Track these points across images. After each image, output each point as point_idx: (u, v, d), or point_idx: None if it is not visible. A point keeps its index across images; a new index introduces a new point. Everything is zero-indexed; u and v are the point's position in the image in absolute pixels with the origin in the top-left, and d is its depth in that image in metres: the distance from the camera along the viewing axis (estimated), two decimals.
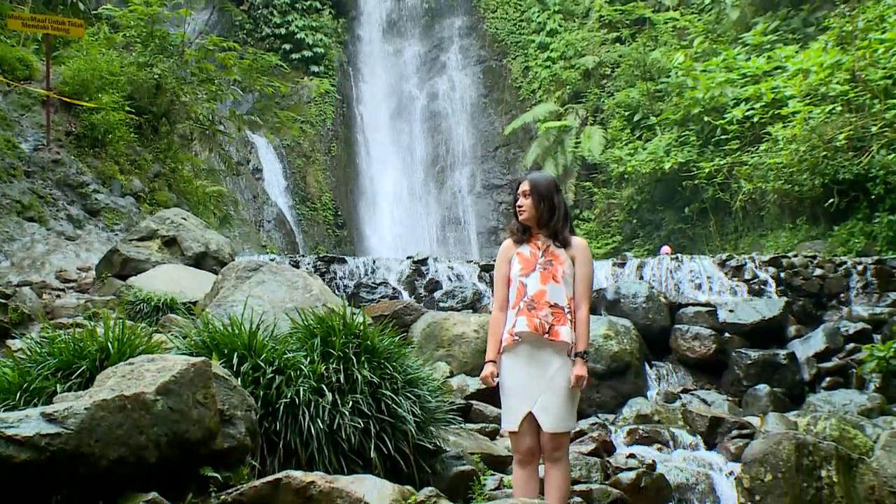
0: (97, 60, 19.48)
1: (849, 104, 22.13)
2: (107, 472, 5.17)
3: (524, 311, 5.97)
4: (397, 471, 6.63)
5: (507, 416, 6.08)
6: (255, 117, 28.54)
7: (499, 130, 35.82)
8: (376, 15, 38.82)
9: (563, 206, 6.22)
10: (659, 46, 32.49)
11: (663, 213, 29.58)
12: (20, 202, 15.81)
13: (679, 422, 10.51)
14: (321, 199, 33.31)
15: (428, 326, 11.96)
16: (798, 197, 23.68)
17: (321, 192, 33.43)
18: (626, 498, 7.89)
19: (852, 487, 6.92)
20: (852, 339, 13.03)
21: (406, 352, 7.58)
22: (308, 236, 31.95)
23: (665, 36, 33.02)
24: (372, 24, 38.68)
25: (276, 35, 34.96)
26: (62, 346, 6.46)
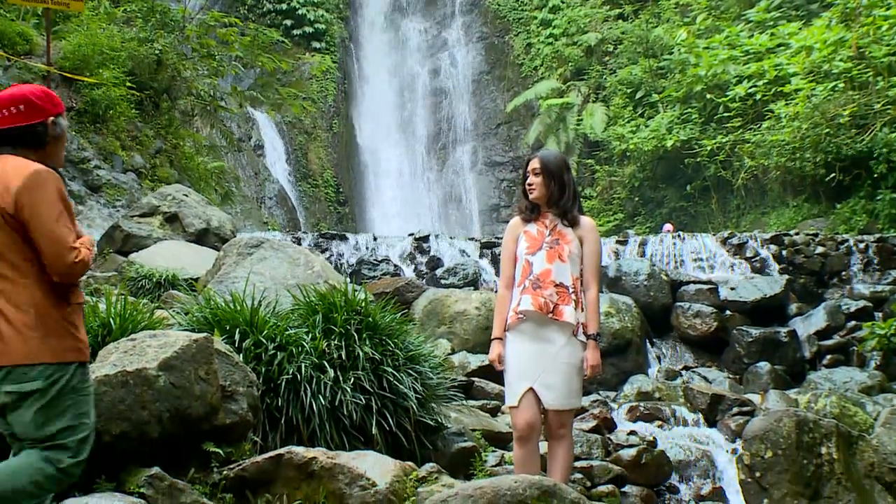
0: (98, 35, 19.42)
1: (852, 81, 22.10)
2: (109, 446, 5.19)
3: (529, 289, 5.97)
4: (399, 447, 6.66)
5: (509, 392, 6.10)
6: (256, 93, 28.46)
7: (501, 107, 35.74)
8: None
9: (572, 184, 6.21)
10: (662, 23, 32.40)
11: (665, 190, 29.56)
12: None
13: (680, 399, 10.53)
14: (323, 175, 33.29)
15: (429, 303, 11.97)
16: (800, 174, 23.65)
17: (323, 169, 33.41)
18: (627, 475, 7.92)
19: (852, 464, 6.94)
20: (853, 316, 13.05)
21: (407, 328, 7.60)
22: (310, 213, 31.94)
23: (668, 13, 32.93)
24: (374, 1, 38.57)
25: (277, 11, 34.84)
26: None
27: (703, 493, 7.94)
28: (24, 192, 4.15)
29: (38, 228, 4.17)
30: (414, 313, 11.57)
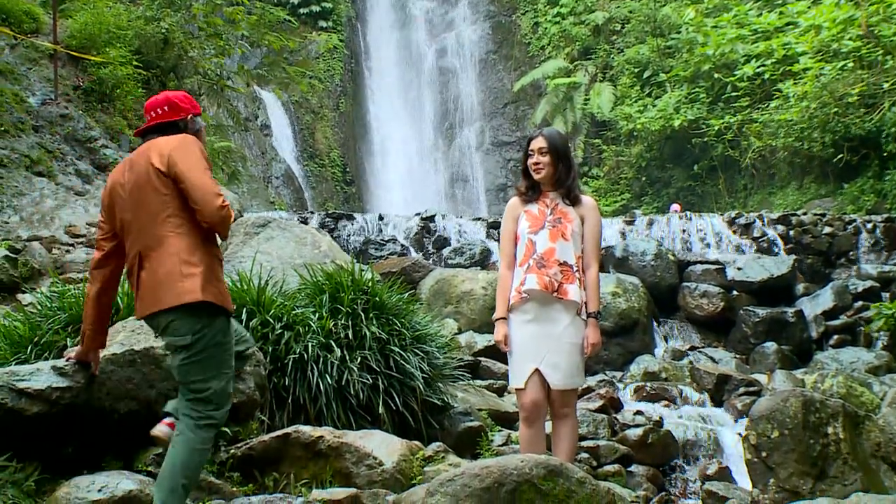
0: (104, 14, 19.43)
1: (861, 60, 22.00)
2: (117, 425, 5.23)
3: (534, 268, 5.95)
4: (405, 426, 6.68)
5: (515, 373, 6.08)
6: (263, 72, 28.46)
7: (508, 87, 35.71)
8: None
9: (574, 163, 6.23)
10: (670, 2, 32.28)
11: (672, 170, 29.54)
12: (29, 157, 15.82)
13: (686, 379, 10.55)
14: (329, 155, 33.31)
15: (436, 283, 11.99)
16: (808, 154, 23.67)
17: (329, 149, 33.42)
18: (633, 454, 7.94)
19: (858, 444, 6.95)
20: (860, 297, 13.05)
21: (414, 308, 7.62)
22: (316, 193, 31.95)
23: None
24: None
25: None
26: (72, 301, 6.51)
27: (710, 473, 7.95)
28: (175, 151, 4.76)
29: (188, 179, 4.69)
30: (421, 293, 11.59)
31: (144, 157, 4.86)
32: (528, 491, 4.50)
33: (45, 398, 5.08)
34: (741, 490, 6.94)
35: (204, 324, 4.66)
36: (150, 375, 5.34)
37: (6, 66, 17.64)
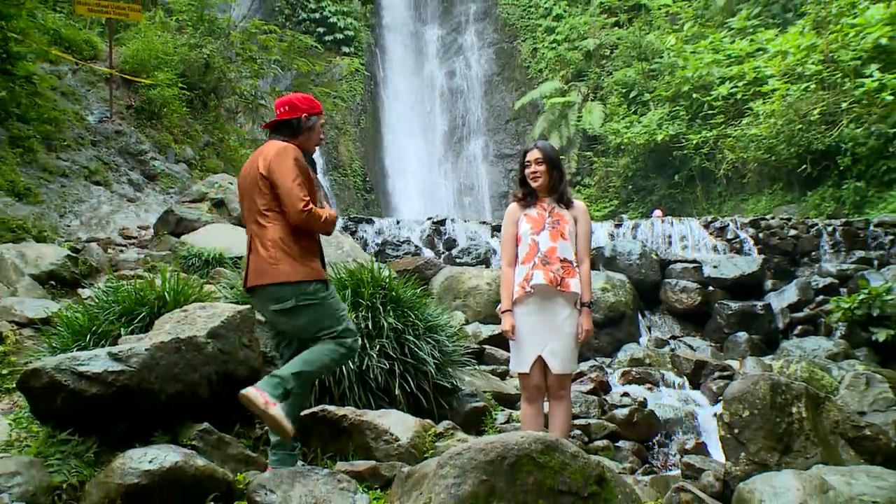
0: (153, 42, 19.49)
1: (822, 83, 22.12)
2: (165, 405, 5.24)
3: (539, 265, 5.97)
4: (419, 406, 6.69)
5: (519, 359, 6.10)
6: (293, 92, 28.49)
7: (509, 105, 35.68)
8: (400, 1, 38.62)
9: (564, 171, 6.27)
10: (653, 30, 32.29)
11: (655, 179, 29.51)
12: (88, 168, 15.86)
13: (668, 365, 10.54)
14: (351, 166, 33.30)
15: (446, 280, 11.99)
16: (775, 165, 23.68)
17: (351, 160, 33.41)
18: (620, 431, 7.95)
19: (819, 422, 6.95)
20: (821, 292, 13.03)
21: (427, 302, 7.62)
22: (340, 199, 31.94)
23: (659, 21, 32.79)
24: (396, 9, 38.48)
25: (311, 19, 34.83)
26: (125, 295, 6.53)
27: (688, 448, 7.95)
28: (273, 159, 5.23)
29: (279, 184, 5.18)
30: (432, 288, 11.59)
31: (257, 158, 5.39)
32: (527, 464, 4.50)
33: (102, 380, 5.10)
34: (716, 463, 6.93)
35: (300, 290, 5.16)
36: (194, 361, 5.35)
37: (69, 89, 17.70)
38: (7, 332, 7.52)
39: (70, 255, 10.45)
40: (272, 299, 5.21)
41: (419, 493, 4.53)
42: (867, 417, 7.97)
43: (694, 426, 8.43)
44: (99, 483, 4.83)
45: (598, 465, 4.72)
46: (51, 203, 14.23)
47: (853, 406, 8.09)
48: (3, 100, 14.55)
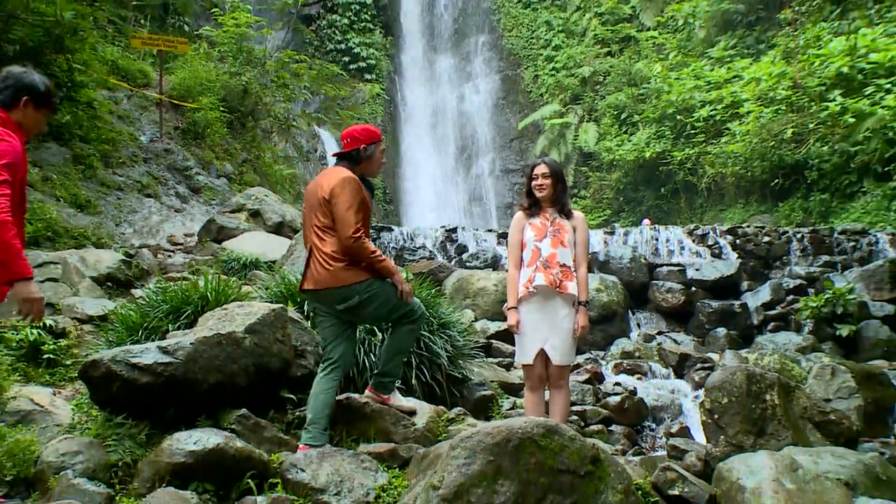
0: (198, 70, 19.59)
1: (791, 106, 22.22)
2: (207, 393, 5.26)
3: (541, 268, 6.00)
4: (433, 395, 6.68)
5: (522, 352, 6.11)
6: (321, 115, 28.59)
7: (513, 126, 35.64)
8: (416, 34, 38.66)
9: (566, 185, 6.28)
10: (641, 59, 32.27)
11: (644, 192, 29.46)
12: (140, 182, 15.94)
13: (655, 357, 10.50)
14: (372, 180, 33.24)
15: (457, 282, 11.97)
16: (751, 179, 23.68)
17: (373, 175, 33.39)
18: (613, 416, 7.93)
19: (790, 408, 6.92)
20: (792, 292, 12.98)
21: (440, 301, 7.61)
22: None
23: (646, 51, 32.79)
24: (413, 40, 38.52)
25: (337, 49, 34.90)
26: (173, 295, 6.55)
27: (673, 431, 7.92)
28: (335, 187, 5.40)
29: (336, 212, 5.37)
30: (445, 289, 11.57)
31: (321, 182, 5.60)
32: (529, 446, 4.50)
33: (152, 371, 5.12)
34: (698, 444, 6.90)
35: (360, 289, 5.42)
36: (233, 354, 5.36)
37: (124, 112, 17.79)
38: (70, 327, 7.55)
39: (124, 260, 10.51)
40: (337, 300, 5.47)
41: (433, 471, 4.53)
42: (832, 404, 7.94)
43: (678, 412, 8.41)
44: (150, 462, 4.85)
45: (593, 446, 4.71)
46: (108, 213, 14.30)
47: (820, 394, 8.06)
48: (67, 123, 14.66)
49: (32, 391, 6.07)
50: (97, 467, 4.86)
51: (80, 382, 5.81)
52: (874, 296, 12.51)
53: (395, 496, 4.74)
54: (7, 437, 5.04)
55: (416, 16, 38.89)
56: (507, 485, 4.40)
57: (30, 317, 4.14)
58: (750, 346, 11.74)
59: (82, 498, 4.38)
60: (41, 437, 5.37)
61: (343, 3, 35.63)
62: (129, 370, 5.13)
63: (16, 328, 7.15)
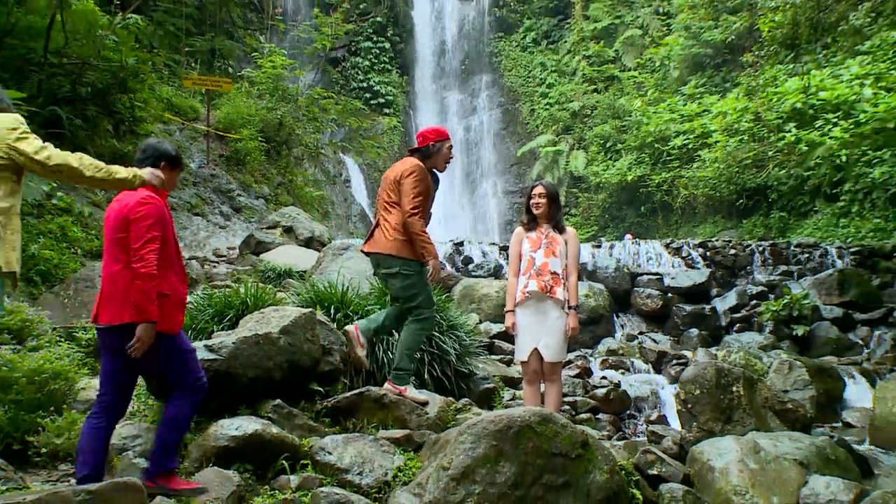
0: (240, 106, 19.69)
1: (753, 136, 22.35)
2: (247, 386, 5.27)
3: (534, 276, 6.03)
4: (443, 387, 6.68)
5: (519, 350, 6.14)
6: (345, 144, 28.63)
7: (513, 153, 35.68)
8: (428, 73, 38.76)
9: (560, 204, 6.30)
10: (624, 95, 32.30)
11: (626, 210, 29.46)
12: (190, 203, 15.99)
13: (636, 354, 10.48)
14: None
15: (464, 289, 11.97)
16: (719, 200, 23.75)
17: None
18: (600, 406, 7.91)
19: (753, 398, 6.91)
20: (755, 297, 12.95)
21: (449, 306, 7.62)
22: None
23: (628, 88, 32.82)
24: (425, 79, 38.62)
25: (360, 87, 35.01)
26: (217, 300, 6.57)
27: (652, 419, 7.91)
28: (405, 171, 5.74)
29: (403, 193, 5.69)
30: (453, 296, 11.57)
31: (396, 167, 5.90)
32: (527, 432, 4.49)
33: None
34: (674, 430, 6.88)
35: (404, 263, 5.69)
36: (269, 352, 5.36)
37: (177, 143, 17.88)
38: None
39: None
40: (382, 265, 5.77)
41: (443, 454, 4.53)
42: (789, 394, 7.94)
43: (657, 402, 8.38)
44: (198, 445, 4.86)
45: (582, 432, 4.70)
46: None
47: (779, 386, 8.07)
48: (129, 152, 14.75)
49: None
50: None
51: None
52: (825, 300, 12.52)
53: (410, 476, 4.73)
54: (79, 423, 5.06)
55: (428, 58, 39.01)
56: (507, 466, 4.39)
57: (132, 350, 4.18)
58: (719, 344, 11.70)
59: (141, 475, 4.39)
60: None
61: (365, 48, 35.76)
62: None
63: (85, 328, 7.18)
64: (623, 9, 36.32)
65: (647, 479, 5.13)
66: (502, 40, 38.69)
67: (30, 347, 5.90)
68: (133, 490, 3.70)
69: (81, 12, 13.18)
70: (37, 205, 10.77)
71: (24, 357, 5.41)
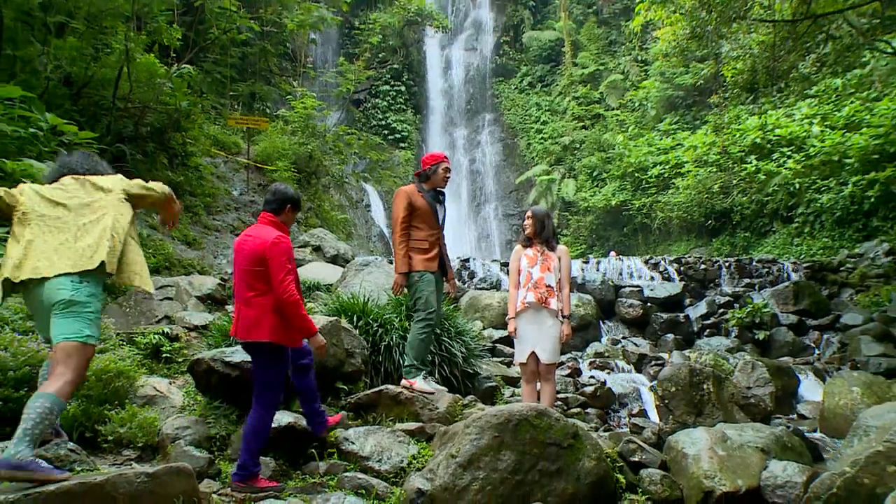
0: (276, 142, 19.78)
1: (720, 167, 22.41)
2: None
3: (531, 288, 6.06)
4: (451, 386, 6.69)
5: (519, 353, 6.15)
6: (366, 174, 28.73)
7: (512, 181, 35.67)
8: (438, 112, 38.88)
9: (551, 226, 6.33)
10: (608, 131, 32.30)
11: (611, 231, 29.40)
12: (232, 225, 16.03)
13: (620, 356, 10.46)
14: None
15: (469, 300, 11.98)
16: (691, 222, 23.72)
17: None
18: (588, 402, 7.89)
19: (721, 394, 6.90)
20: (722, 306, 12.93)
21: (456, 315, 7.63)
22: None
23: (611, 124, 32.82)
24: (436, 117, 38.72)
25: (379, 125, 35.14)
26: None
27: (634, 413, 7.88)
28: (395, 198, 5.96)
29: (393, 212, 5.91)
30: (460, 306, 11.58)
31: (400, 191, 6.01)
32: (525, 425, 4.50)
33: (241, 367, 5.15)
34: (652, 423, 6.87)
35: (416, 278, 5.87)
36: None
37: (221, 173, 18.01)
38: (181, 333, 7.61)
39: (220, 283, 10.57)
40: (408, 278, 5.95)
41: (452, 444, 4.54)
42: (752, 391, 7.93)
43: (638, 398, 8.36)
44: (239, 435, 4.87)
45: (573, 425, 4.71)
46: (209, 249, 14.41)
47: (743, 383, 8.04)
48: (181, 182, 14.90)
49: (155, 381, 6.12)
50: (201, 438, 4.90)
51: (188, 375, 5.86)
52: (782, 309, 12.53)
53: (423, 462, 4.74)
54: (138, 415, 5.10)
55: (438, 99, 39.16)
56: (508, 454, 4.40)
57: (319, 353, 4.68)
58: (691, 347, 11.67)
59: (191, 461, 4.42)
60: (161, 415, 5.42)
61: (383, 91, 35.96)
62: (224, 366, 5.18)
63: (143, 334, 7.23)
64: (607, 57, 36.50)
65: (630, 465, 5.12)
66: (502, 84, 38.84)
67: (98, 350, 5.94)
68: (185, 474, 3.73)
69: (144, 64, 13.46)
70: None
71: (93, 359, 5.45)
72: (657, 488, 4.79)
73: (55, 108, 10.62)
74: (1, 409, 4.82)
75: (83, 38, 12.39)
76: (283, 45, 27.23)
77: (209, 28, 18.29)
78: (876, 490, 4.21)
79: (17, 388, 4.97)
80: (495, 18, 40.30)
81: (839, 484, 4.34)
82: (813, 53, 13.58)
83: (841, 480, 4.35)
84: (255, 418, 4.38)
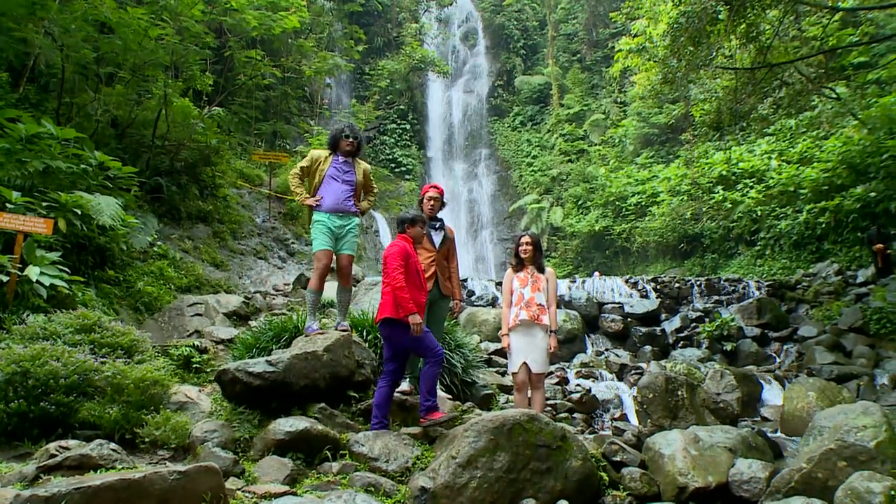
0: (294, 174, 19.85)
1: (691, 196, 22.47)
2: (298, 392, 5.28)
3: (524, 307, 6.07)
4: (452, 394, 6.67)
5: (512, 364, 6.13)
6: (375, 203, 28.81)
7: (506, 209, 35.73)
8: (439, 147, 39.06)
9: (542, 250, 6.34)
10: (591, 164, 32.43)
11: (594, 253, 29.40)
12: (255, 249, 16.06)
13: (603, 366, 10.44)
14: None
15: (468, 316, 11.98)
16: (666, 245, 23.74)
17: None
18: (575, 407, 7.88)
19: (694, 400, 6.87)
20: (694, 321, 12.93)
21: (456, 329, 7.63)
22: None
23: (594, 158, 32.93)
24: (437, 152, 38.87)
25: (386, 158, 35.26)
26: (276, 325, 6.60)
27: (616, 417, 7.85)
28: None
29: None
30: (459, 321, 11.59)
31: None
32: (518, 429, 4.48)
33: (262, 377, 5.15)
34: (633, 426, 6.83)
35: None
36: (315, 365, 5.38)
37: (246, 203, 18.06)
38: (209, 346, 7.61)
39: (244, 301, 10.57)
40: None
41: (452, 446, 4.52)
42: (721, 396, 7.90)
43: (620, 404, 8.34)
44: (260, 438, 4.86)
45: (561, 428, 4.69)
46: (234, 270, 14.42)
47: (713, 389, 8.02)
48: (210, 210, 14.98)
49: (186, 389, 6.10)
50: (227, 441, 4.87)
51: (215, 384, 5.85)
52: (747, 322, 12.55)
53: (426, 463, 4.72)
54: (171, 419, 5.09)
55: (439, 136, 39.37)
56: (503, 455, 4.38)
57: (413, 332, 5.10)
58: (667, 357, 11.65)
59: (218, 461, 4.40)
60: (192, 419, 5.40)
61: (390, 129, 36.15)
62: (247, 376, 5.17)
63: (176, 346, 7.22)
64: (590, 99, 36.83)
65: (612, 465, 5.10)
66: (497, 122, 39.09)
67: (136, 360, 5.95)
68: (213, 472, 3.72)
69: (180, 107, 13.73)
70: (142, 251, 10.91)
71: (132, 368, 5.47)
72: (637, 485, 4.77)
73: (103, 146, 10.75)
74: (53, 412, 4.88)
75: (129, 86, 12.65)
76: (302, 89, 27.46)
77: (237, 75, 18.48)
78: (828, 483, 4.27)
79: (67, 394, 5.00)
80: (490, 64, 40.76)
81: (797, 478, 4.37)
82: (770, 97, 14.01)
83: (798, 475, 4.37)
84: (427, 368, 5.20)
